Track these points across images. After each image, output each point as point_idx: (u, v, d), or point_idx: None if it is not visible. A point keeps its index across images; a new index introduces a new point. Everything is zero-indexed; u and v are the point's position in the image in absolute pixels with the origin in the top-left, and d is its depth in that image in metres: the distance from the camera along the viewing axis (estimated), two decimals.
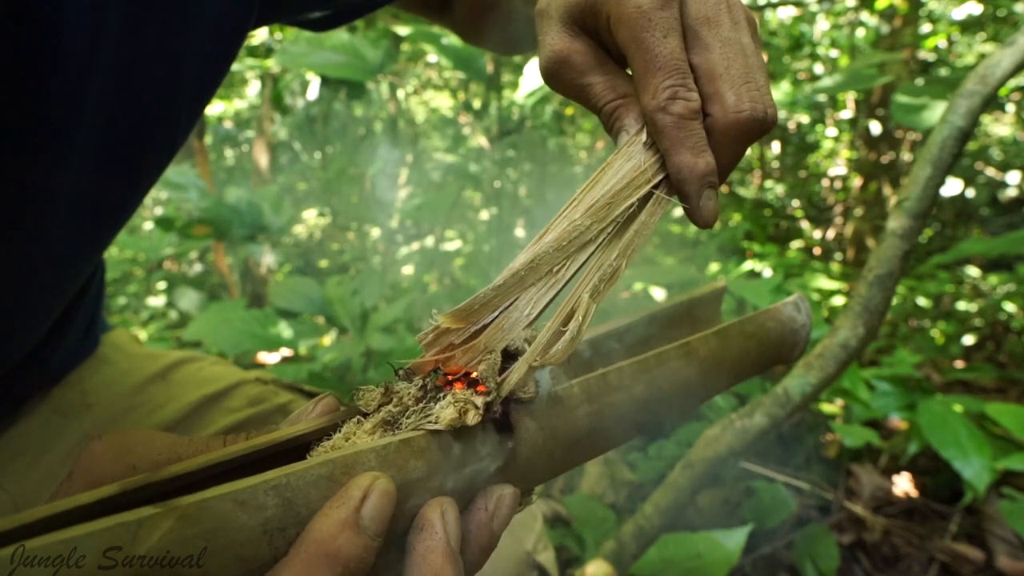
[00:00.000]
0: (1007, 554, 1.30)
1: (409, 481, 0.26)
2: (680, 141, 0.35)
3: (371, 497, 0.24)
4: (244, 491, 0.23)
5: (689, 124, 0.35)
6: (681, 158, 0.35)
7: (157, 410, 0.63)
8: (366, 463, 0.25)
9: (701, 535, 1.14)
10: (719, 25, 0.37)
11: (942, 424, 1.24)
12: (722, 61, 0.36)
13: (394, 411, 0.28)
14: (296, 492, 0.24)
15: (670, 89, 0.35)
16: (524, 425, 0.30)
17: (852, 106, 3.30)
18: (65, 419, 0.60)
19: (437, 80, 3.92)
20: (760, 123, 0.36)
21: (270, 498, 0.23)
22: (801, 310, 0.43)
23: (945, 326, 2.32)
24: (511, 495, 0.29)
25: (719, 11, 0.37)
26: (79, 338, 0.64)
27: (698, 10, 0.37)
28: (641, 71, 0.36)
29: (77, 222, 0.45)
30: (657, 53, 0.35)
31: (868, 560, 1.36)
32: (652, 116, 0.35)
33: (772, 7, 3.15)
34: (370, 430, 0.28)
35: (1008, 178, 3.28)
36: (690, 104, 0.35)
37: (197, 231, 1.95)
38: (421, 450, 0.27)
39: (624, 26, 0.36)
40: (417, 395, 0.29)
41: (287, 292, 1.71)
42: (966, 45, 3.33)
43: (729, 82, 0.36)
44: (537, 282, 0.32)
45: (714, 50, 0.36)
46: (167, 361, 0.68)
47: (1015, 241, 1.53)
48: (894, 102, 1.69)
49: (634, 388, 0.34)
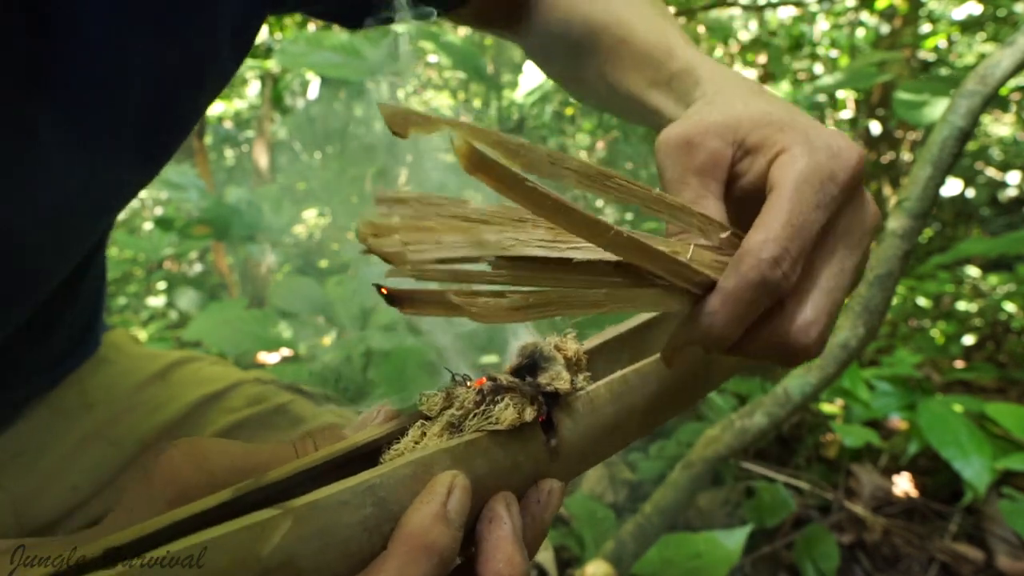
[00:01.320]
0: (1007, 554, 1.30)
1: (476, 477, 0.29)
2: (736, 298, 0.31)
3: (454, 493, 0.27)
4: (345, 491, 0.25)
5: (758, 294, 0.31)
6: (713, 304, 0.32)
7: (157, 410, 0.63)
8: (442, 463, 0.28)
9: (701, 535, 1.14)
10: (852, 253, 0.34)
11: (942, 424, 1.24)
12: (826, 283, 0.33)
13: (456, 414, 0.31)
14: (388, 491, 0.26)
15: (784, 251, 0.31)
16: (564, 424, 0.33)
17: (852, 106, 3.30)
18: (65, 419, 0.60)
19: (437, 80, 3.91)
20: (804, 354, 0.33)
21: (368, 497, 0.26)
22: None
23: (945, 326, 2.32)
24: (559, 488, 0.31)
25: (862, 240, 0.35)
26: (77, 337, 0.63)
27: (848, 224, 0.35)
28: (770, 216, 0.32)
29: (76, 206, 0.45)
30: (797, 213, 0.32)
31: (868, 560, 1.36)
32: (742, 254, 0.32)
33: (772, 7, 3.15)
34: (438, 432, 0.30)
35: (1008, 178, 3.28)
36: (784, 282, 0.31)
37: (197, 231, 1.96)
38: (484, 449, 0.30)
39: (790, 169, 0.33)
40: (476, 399, 0.31)
41: (287, 292, 1.71)
42: (966, 45, 3.33)
43: (815, 306, 0.33)
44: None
45: (830, 269, 0.34)
46: (166, 361, 0.68)
47: (1015, 241, 1.53)
48: (895, 99, 1.69)
49: (648, 387, 0.36)
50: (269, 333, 1.59)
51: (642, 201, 0.32)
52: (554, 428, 0.33)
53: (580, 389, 0.34)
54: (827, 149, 0.34)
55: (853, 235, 0.35)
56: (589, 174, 0.29)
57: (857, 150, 0.35)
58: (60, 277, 0.52)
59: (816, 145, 0.34)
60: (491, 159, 0.24)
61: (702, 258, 0.33)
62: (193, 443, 0.28)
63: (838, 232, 0.34)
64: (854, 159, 0.34)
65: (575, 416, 0.33)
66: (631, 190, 0.31)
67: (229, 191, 2.19)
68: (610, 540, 1.17)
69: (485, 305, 0.26)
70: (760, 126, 0.37)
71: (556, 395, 0.33)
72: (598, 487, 1.48)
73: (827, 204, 0.33)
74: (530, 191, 0.25)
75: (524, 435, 0.31)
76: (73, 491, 0.58)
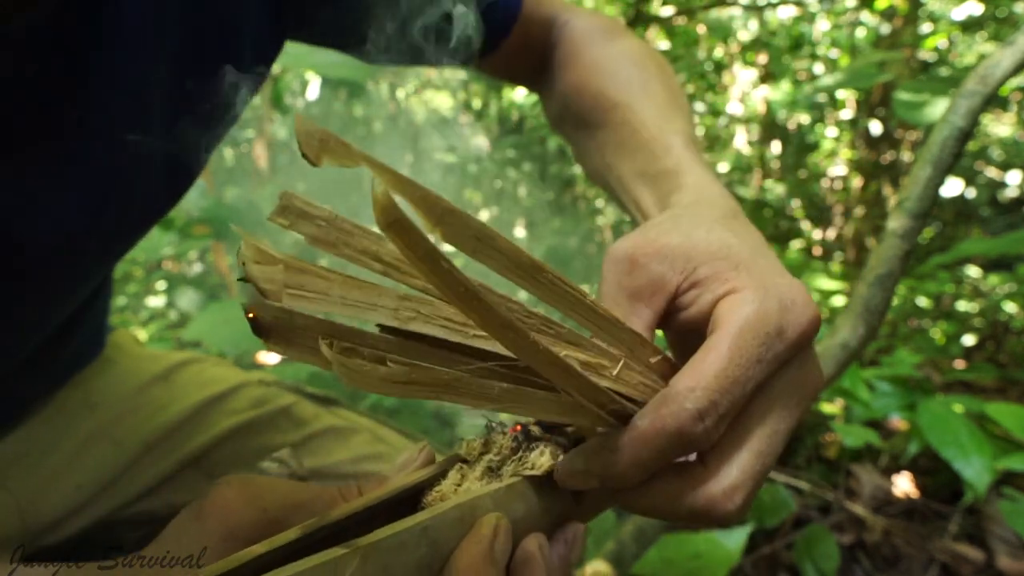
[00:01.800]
0: (1007, 554, 1.30)
1: (514, 519, 0.30)
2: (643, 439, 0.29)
3: (500, 534, 0.28)
4: (403, 532, 0.27)
5: (671, 444, 0.29)
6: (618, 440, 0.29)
7: (160, 411, 0.64)
8: (485, 506, 0.30)
9: (701, 535, 1.14)
10: (786, 415, 0.31)
11: (942, 424, 1.24)
12: (760, 443, 0.30)
13: (495, 459, 0.32)
14: (439, 533, 0.28)
15: (712, 402, 0.28)
16: None
17: (852, 106, 3.30)
18: (69, 420, 0.60)
19: (437, 80, 3.91)
20: (716, 523, 0.30)
21: (423, 538, 0.27)
22: None
23: (945, 326, 2.32)
24: (583, 531, 0.33)
25: (797, 407, 0.32)
26: (89, 341, 0.64)
27: (787, 387, 0.32)
28: (707, 359, 0.30)
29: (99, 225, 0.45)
30: (736, 364, 0.29)
31: (868, 560, 1.36)
32: (667, 396, 0.29)
33: (772, 7, 3.15)
34: (479, 476, 0.32)
35: (1008, 178, 3.28)
36: (705, 435, 0.29)
37: (197, 231, 1.96)
38: (521, 494, 0.31)
39: (735, 316, 0.31)
40: (512, 446, 0.33)
41: None
42: (966, 45, 3.33)
43: (746, 470, 0.30)
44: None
45: (765, 428, 0.31)
46: (170, 362, 0.68)
47: (1015, 241, 1.53)
48: (895, 99, 1.69)
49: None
50: None
51: (570, 307, 0.29)
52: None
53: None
54: (780, 300, 0.31)
55: (792, 397, 0.32)
56: (519, 262, 0.25)
57: (813, 309, 0.32)
58: (79, 300, 0.53)
59: (770, 293, 0.31)
60: (409, 222, 0.21)
61: (629, 378, 0.31)
62: (245, 480, 0.29)
63: (776, 392, 0.31)
64: (807, 317, 0.31)
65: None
66: (561, 292, 0.28)
67: (229, 191, 2.19)
68: (610, 540, 1.17)
69: (359, 368, 0.22)
70: (716, 259, 0.34)
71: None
72: None
73: (769, 360, 0.30)
74: (443, 272, 0.22)
75: (554, 481, 0.32)
76: (77, 490, 0.58)
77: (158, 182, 0.47)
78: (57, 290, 0.47)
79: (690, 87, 3.87)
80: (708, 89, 3.95)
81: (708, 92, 3.97)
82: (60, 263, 0.44)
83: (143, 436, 0.62)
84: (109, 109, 0.40)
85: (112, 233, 0.47)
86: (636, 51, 0.57)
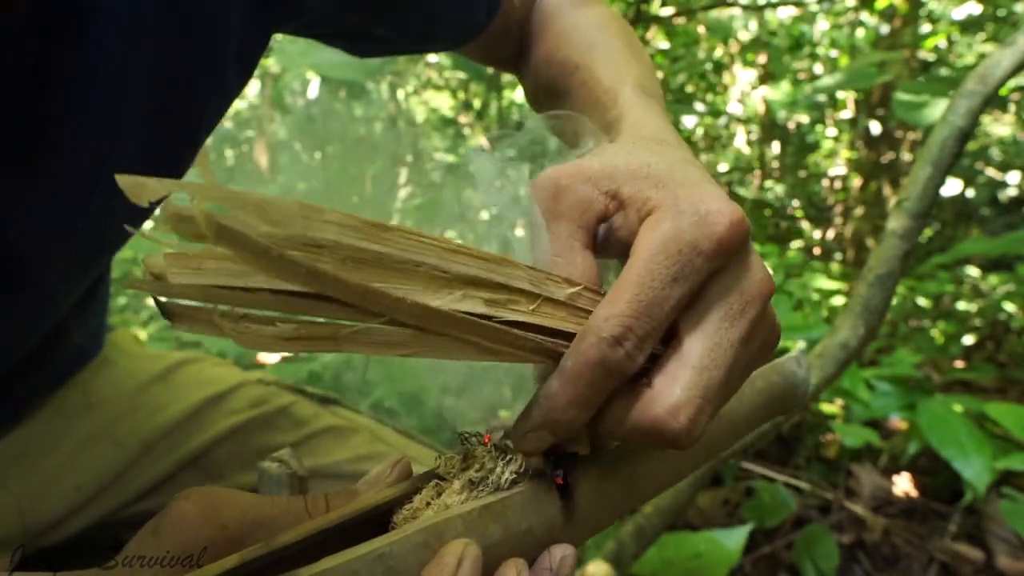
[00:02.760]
0: (1007, 554, 1.30)
1: (489, 544, 0.28)
2: (574, 378, 0.28)
3: (464, 564, 0.26)
4: (355, 561, 0.24)
5: (597, 375, 0.28)
6: (555, 394, 0.29)
7: (159, 411, 0.64)
8: (455, 529, 0.27)
9: (701, 535, 1.14)
10: (731, 326, 0.30)
11: (942, 424, 1.24)
12: (704, 358, 0.29)
13: (476, 476, 0.30)
14: (398, 560, 0.25)
15: (623, 328, 0.28)
16: (580, 486, 0.32)
17: (852, 106, 3.30)
18: (67, 419, 0.60)
19: (437, 80, 3.91)
20: (671, 440, 0.29)
21: (377, 567, 0.25)
22: (801, 365, 0.44)
23: (945, 326, 2.32)
24: (572, 555, 0.30)
25: (744, 315, 0.31)
26: (86, 341, 0.64)
27: (724, 293, 0.31)
28: (621, 286, 0.29)
29: (90, 226, 0.45)
30: (650, 285, 0.29)
31: (868, 560, 1.36)
32: (582, 334, 0.29)
33: (772, 7, 3.15)
34: (458, 490, 0.29)
35: (1008, 178, 3.28)
36: (627, 361, 0.28)
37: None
38: (498, 515, 0.29)
39: (649, 235, 0.30)
40: (495, 456, 0.30)
41: None
42: (966, 45, 3.33)
43: (691, 385, 0.29)
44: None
45: (706, 341, 0.30)
46: (169, 362, 0.69)
47: (1015, 241, 1.53)
48: (895, 99, 1.69)
49: (668, 452, 0.35)
50: None
51: (438, 256, 0.26)
52: (571, 492, 0.32)
53: (599, 448, 0.33)
54: (693, 215, 0.30)
55: (731, 306, 0.30)
56: (354, 226, 0.24)
57: (729, 215, 0.30)
58: (71, 300, 0.53)
59: (681, 209, 0.31)
60: (235, 229, 0.20)
61: (551, 313, 0.29)
62: (204, 493, 0.28)
63: (709, 304, 0.30)
64: (723, 225, 0.30)
65: (591, 478, 0.32)
66: (418, 245, 0.25)
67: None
68: (610, 540, 1.17)
69: (252, 331, 0.22)
70: (636, 178, 0.33)
71: (575, 455, 0.32)
72: None
73: (688, 276, 0.29)
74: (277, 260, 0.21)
75: (540, 498, 0.30)
76: (77, 491, 0.58)
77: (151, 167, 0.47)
78: (46, 292, 0.47)
79: (690, 87, 3.87)
80: (708, 89, 3.96)
81: (708, 92, 3.97)
82: (46, 264, 0.44)
83: (142, 436, 0.62)
84: (88, 108, 0.40)
85: (97, 233, 0.47)
86: (601, 16, 0.58)
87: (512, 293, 0.28)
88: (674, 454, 0.35)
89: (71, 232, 0.44)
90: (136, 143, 0.43)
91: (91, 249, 0.49)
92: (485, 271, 0.27)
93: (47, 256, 0.44)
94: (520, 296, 0.29)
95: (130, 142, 0.43)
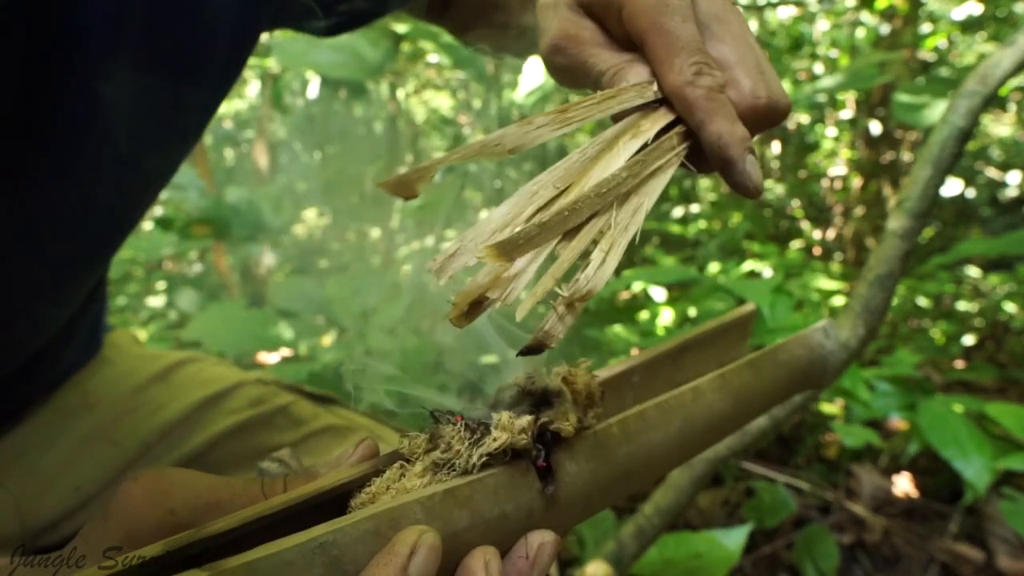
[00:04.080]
0: (1007, 554, 1.30)
1: (454, 532, 0.26)
2: (715, 111, 0.35)
3: (418, 552, 0.24)
4: (291, 551, 0.22)
5: (719, 96, 0.35)
6: (719, 126, 0.34)
7: (158, 411, 0.64)
8: (412, 516, 0.25)
9: (701, 535, 1.14)
10: (729, 22, 0.38)
11: (942, 424, 1.24)
12: (735, 52, 0.37)
13: (442, 457, 0.28)
14: (343, 549, 0.23)
15: (696, 65, 0.35)
16: (564, 469, 0.30)
17: (852, 106, 3.30)
18: (66, 419, 0.60)
19: (437, 80, 3.91)
20: (775, 110, 0.36)
21: (317, 556, 0.23)
22: (830, 336, 0.42)
23: (945, 326, 2.32)
24: (552, 542, 0.28)
25: (727, 10, 0.38)
26: (85, 342, 0.64)
27: (707, 7, 0.38)
28: (663, 54, 0.36)
29: (85, 232, 0.45)
30: (679, 35, 0.35)
31: (868, 560, 1.36)
32: (681, 91, 0.35)
33: (772, 7, 3.14)
34: (420, 473, 0.27)
35: (1008, 178, 3.28)
36: (717, 79, 0.35)
37: (197, 231, 1.96)
38: (466, 499, 0.26)
39: (642, 14, 0.36)
40: (465, 436, 0.28)
41: (287, 292, 1.71)
42: (966, 45, 3.33)
43: (745, 70, 0.36)
44: (579, 226, 0.30)
45: (727, 42, 0.37)
46: (168, 362, 0.68)
47: (1015, 241, 1.53)
48: (895, 100, 1.69)
49: (671, 425, 0.33)
50: (269, 333, 1.59)
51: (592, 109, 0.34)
52: (552, 473, 0.29)
53: (587, 428, 0.31)
54: None
55: (715, 4, 0.38)
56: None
57: None
58: (73, 303, 0.53)
59: None
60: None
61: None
62: (155, 476, 0.26)
63: (707, 19, 0.37)
64: None
65: (579, 459, 0.30)
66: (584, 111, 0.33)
67: (229, 191, 2.19)
68: (610, 540, 1.17)
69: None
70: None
71: (558, 436, 0.29)
72: None
73: (683, 9, 0.36)
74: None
75: (516, 482, 0.28)
76: (76, 491, 0.58)
77: (136, 179, 0.47)
78: (45, 294, 0.47)
79: None
80: None
81: None
82: (45, 269, 0.44)
83: (141, 436, 0.62)
84: (78, 111, 0.40)
85: (95, 234, 0.47)
86: None
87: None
88: (675, 433, 0.33)
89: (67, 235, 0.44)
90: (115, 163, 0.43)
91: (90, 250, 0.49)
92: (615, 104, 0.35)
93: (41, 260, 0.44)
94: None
95: (119, 142, 0.43)
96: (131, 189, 0.47)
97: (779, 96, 0.37)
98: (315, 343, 1.80)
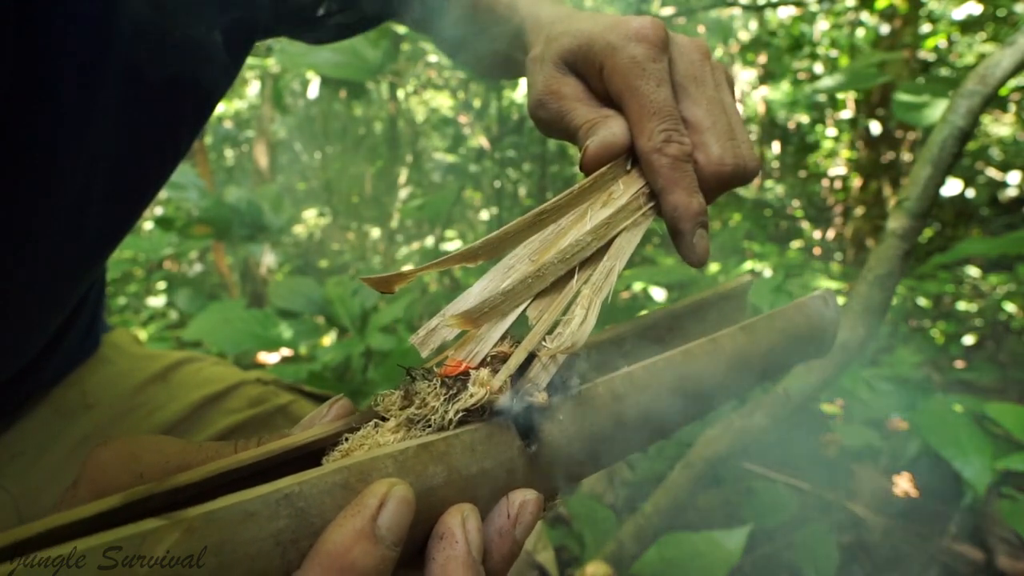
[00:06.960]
0: (1007, 554, 1.30)
1: (429, 488, 0.25)
2: (675, 181, 0.36)
3: (388, 505, 0.23)
4: (253, 501, 0.22)
5: (683, 165, 0.37)
6: (677, 197, 0.36)
7: (157, 411, 0.63)
8: (383, 469, 0.24)
9: (701, 535, 1.14)
10: (704, 84, 0.39)
11: (942, 424, 1.24)
12: (708, 116, 0.38)
13: (417, 413, 0.27)
14: (309, 501, 0.23)
15: (665, 132, 0.37)
16: (547, 427, 0.29)
17: (852, 106, 3.30)
18: (65, 419, 0.60)
19: (437, 80, 3.91)
20: (742, 175, 0.38)
21: (282, 508, 0.22)
22: (829, 304, 0.42)
23: (945, 326, 2.32)
24: (534, 501, 0.27)
25: (704, 71, 0.39)
26: (80, 340, 0.64)
27: (685, 68, 0.39)
28: (636, 116, 0.37)
29: (80, 238, 0.45)
30: (652, 99, 0.37)
31: (868, 560, 1.36)
32: (648, 157, 0.37)
33: (772, 7, 3.14)
34: (393, 428, 0.27)
35: (1008, 178, 3.27)
36: (684, 147, 0.37)
37: (197, 231, 1.96)
38: (441, 455, 0.26)
39: (619, 75, 0.38)
40: (441, 392, 0.27)
41: (287, 292, 1.71)
42: (966, 45, 3.33)
43: (715, 135, 0.38)
44: (543, 292, 0.33)
45: (701, 105, 0.39)
46: (167, 361, 0.68)
47: (1015, 241, 1.53)
48: (895, 100, 1.69)
49: (660, 386, 0.33)
50: (269, 333, 1.59)
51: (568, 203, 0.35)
52: (535, 431, 0.29)
53: (573, 388, 0.30)
54: (632, 37, 0.38)
55: (694, 66, 0.39)
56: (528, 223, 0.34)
57: (649, 20, 0.39)
58: (70, 302, 0.53)
59: (618, 43, 0.38)
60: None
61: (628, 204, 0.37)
62: (124, 441, 0.26)
63: (683, 80, 0.39)
64: (647, 30, 0.38)
65: (562, 419, 0.30)
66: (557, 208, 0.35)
67: (229, 191, 2.19)
68: (610, 540, 1.17)
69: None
70: (582, 48, 0.40)
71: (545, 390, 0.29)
72: (598, 487, 1.48)
73: (659, 73, 0.38)
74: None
75: (496, 439, 0.27)
76: None
77: (128, 185, 0.47)
78: (44, 293, 0.47)
79: None
80: None
81: None
82: (40, 274, 0.44)
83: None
84: (67, 118, 0.40)
85: (89, 238, 0.47)
86: None
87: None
88: (665, 395, 0.33)
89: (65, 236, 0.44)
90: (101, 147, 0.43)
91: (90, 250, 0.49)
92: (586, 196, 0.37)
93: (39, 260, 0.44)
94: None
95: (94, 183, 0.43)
96: (124, 194, 0.47)
97: (747, 161, 0.38)
98: (315, 343, 1.80)
